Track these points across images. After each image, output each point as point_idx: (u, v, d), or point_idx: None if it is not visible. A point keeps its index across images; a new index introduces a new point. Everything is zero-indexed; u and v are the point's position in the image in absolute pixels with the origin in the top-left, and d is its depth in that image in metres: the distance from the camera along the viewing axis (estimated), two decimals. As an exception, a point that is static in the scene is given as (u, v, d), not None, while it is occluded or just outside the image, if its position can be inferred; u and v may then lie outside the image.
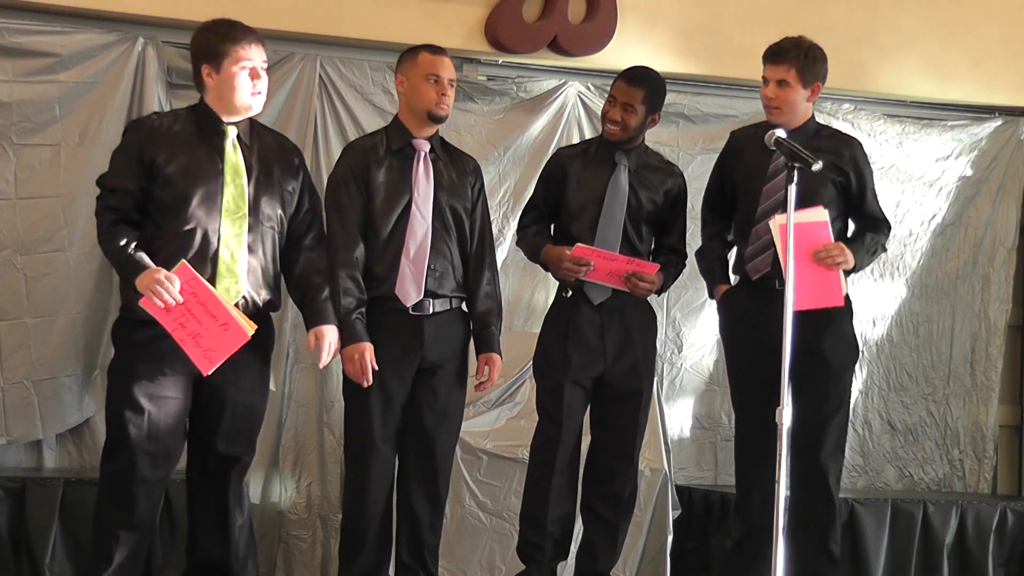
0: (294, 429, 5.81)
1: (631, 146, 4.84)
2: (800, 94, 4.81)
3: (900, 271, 6.76)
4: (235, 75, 4.22)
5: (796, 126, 4.83)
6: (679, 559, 5.78)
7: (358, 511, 4.49)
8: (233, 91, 4.23)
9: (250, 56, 4.24)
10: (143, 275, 4.06)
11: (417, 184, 4.51)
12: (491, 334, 4.64)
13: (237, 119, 4.29)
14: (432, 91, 4.51)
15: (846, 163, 4.85)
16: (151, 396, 4.14)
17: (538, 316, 6.01)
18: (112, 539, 4.18)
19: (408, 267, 4.46)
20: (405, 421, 4.52)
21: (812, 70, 4.81)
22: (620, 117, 4.77)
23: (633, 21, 6.12)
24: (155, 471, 4.18)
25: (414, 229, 4.48)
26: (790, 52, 4.79)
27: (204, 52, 4.26)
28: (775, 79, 4.80)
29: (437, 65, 4.54)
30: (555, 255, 4.76)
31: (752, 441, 4.86)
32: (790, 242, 4.10)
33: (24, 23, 5.41)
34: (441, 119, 4.56)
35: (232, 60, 4.21)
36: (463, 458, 5.41)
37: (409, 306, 4.47)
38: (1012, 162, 6.93)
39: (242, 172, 4.24)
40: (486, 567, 5.49)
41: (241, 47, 4.22)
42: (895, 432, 6.77)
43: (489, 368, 4.62)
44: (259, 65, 4.26)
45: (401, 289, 4.46)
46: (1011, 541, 6.22)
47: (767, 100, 4.84)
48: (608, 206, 4.77)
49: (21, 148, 5.41)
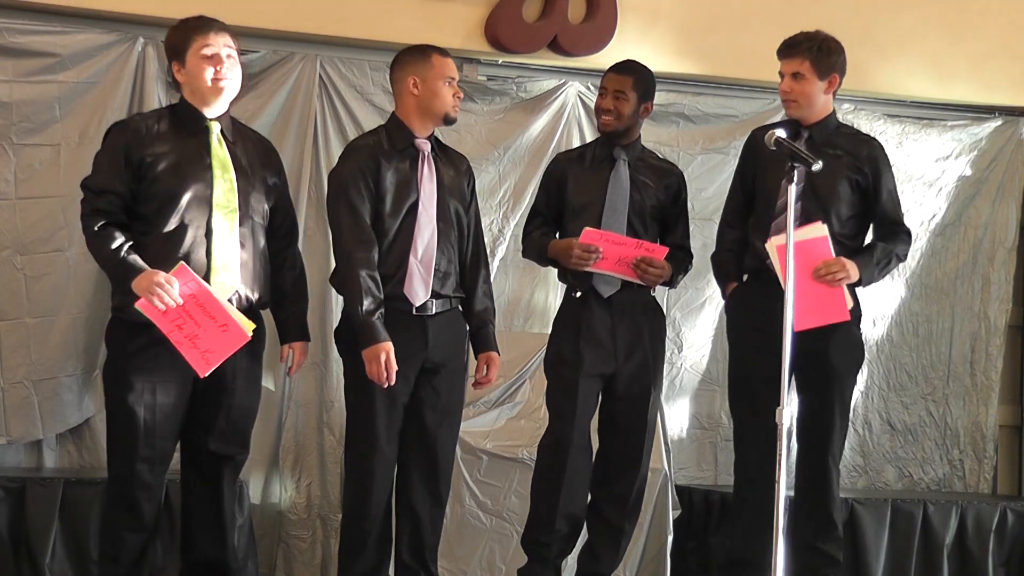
0: (294, 429, 5.80)
1: (628, 140, 4.85)
2: (816, 86, 4.81)
3: (900, 271, 6.75)
4: (197, 64, 4.22)
5: (815, 120, 4.84)
6: (679, 559, 5.78)
7: (360, 511, 4.48)
8: (198, 79, 4.22)
9: (209, 43, 4.22)
10: (140, 277, 4.05)
11: (423, 184, 4.51)
12: (489, 333, 4.64)
13: (217, 112, 4.29)
14: (449, 94, 4.53)
15: (864, 161, 4.84)
16: (147, 403, 4.13)
17: (538, 316, 6.02)
18: (119, 541, 4.21)
19: (417, 268, 4.45)
20: (407, 421, 4.52)
21: (827, 62, 4.82)
22: (613, 105, 4.79)
23: (633, 21, 6.12)
24: (154, 475, 4.20)
25: (422, 230, 4.47)
26: (803, 44, 4.81)
27: (171, 51, 4.29)
28: (790, 72, 4.82)
29: (451, 68, 4.56)
30: (563, 245, 4.76)
31: (754, 441, 4.86)
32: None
33: (24, 23, 5.41)
34: (454, 121, 4.61)
35: (193, 51, 4.22)
36: (463, 458, 5.41)
37: (415, 306, 4.47)
38: (1012, 162, 6.93)
39: (230, 167, 4.24)
40: (486, 567, 5.50)
41: (201, 36, 4.22)
42: (895, 432, 6.77)
43: (488, 367, 4.62)
44: (220, 51, 4.23)
45: (410, 289, 4.45)
46: (1011, 541, 6.22)
47: (783, 94, 4.85)
48: (611, 198, 4.78)
49: (21, 148, 5.41)
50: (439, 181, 4.53)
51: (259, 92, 5.74)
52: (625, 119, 4.80)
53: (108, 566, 4.24)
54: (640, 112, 4.83)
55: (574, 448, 4.72)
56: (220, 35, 4.25)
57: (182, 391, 4.19)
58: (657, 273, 4.74)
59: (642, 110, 4.84)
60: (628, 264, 4.70)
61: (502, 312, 6.13)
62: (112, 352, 4.25)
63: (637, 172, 4.84)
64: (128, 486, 4.17)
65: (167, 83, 5.54)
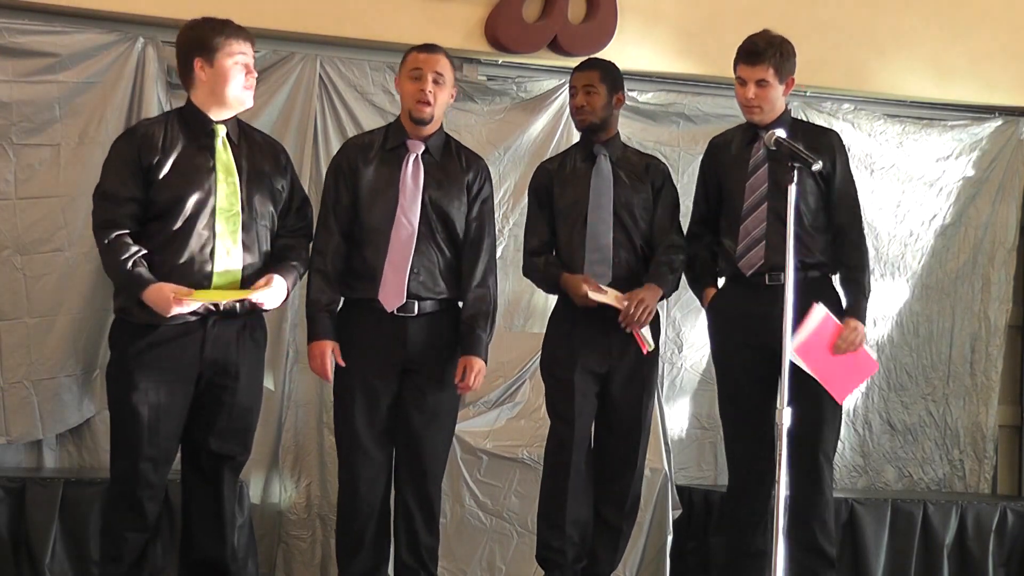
0: (294, 429, 5.81)
1: (607, 136, 4.88)
2: (778, 91, 4.85)
3: (900, 271, 6.76)
4: (229, 68, 4.23)
5: (772, 120, 4.86)
6: (679, 559, 5.78)
7: (349, 511, 4.50)
8: (226, 83, 4.24)
9: (243, 51, 4.26)
10: (148, 291, 4.09)
11: (404, 186, 4.50)
12: (475, 338, 4.52)
13: (226, 116, 4.30)
14: (412, 87, 4.51)
15: (824, 150, 4.82)
16: (151, 403, 4.15)
17: (538, 316, 6.01)
18: (122, 541, 4.21)
19: (390, 274, 4.45)
20: (395, 422, 4.52)
21: (787, 66, 4.86)
22: (585, 101, 4.83)
23: (633, 21, 6.12)
24: (157, 474, 4.21)
25: (399, 233, 4.47)
26: (767, 52, 4.81)
27: (197, 45, 4.26)
28: (754, 79, 4.82)
29: (420, 60, 4.52)
30: (573, 285, 4.73)
31: (744, 442, 4.87)
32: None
33: (24, 23, 5.42)
34: (420, 120, 4.52)
35: (226, 53, 4.23)
36: (463, 458, 5.41)
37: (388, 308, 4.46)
38: (1012, 162, 6.93)
39: (234, 170, 4.25)
40: (486, 567, 5.49)
41: (235, 41, 4.25)
42: (895, 432, 6.77)
43: (467, 371, 4.50)
44: (251, 62, 4.28)
45: (384, 295, 4.46)
46: (1011, 541, 6.22)
47: (747, 101, 4.85)
48: (595, 195, 4.79)
49: (21, 148, 5.41)
50: (426, 182, 4.51)
51: (259, 92, 5.67)
52: (599, 111, 4.83)
53: (110, 566, 4.24)
54: (613, 103, 4.87)
55: (576, 449, 4.72)
56: (251, 45, 4.30)
57: (185, 391, 4.20)
58: (645, 315, 4.71)
59: (615, 101, 4.87)
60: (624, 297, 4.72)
61: (502, 312, 6.12)
62: (116, 353, 4.26)
63: (620, 168, 4.85)
64: (131, 485, 4.17)
65: (167, 83, 5.54)
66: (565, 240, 4.84)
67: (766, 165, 4.82)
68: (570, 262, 4.81)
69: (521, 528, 5.44)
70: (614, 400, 4.79)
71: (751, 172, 4.85)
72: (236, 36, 4.25)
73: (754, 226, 4.80)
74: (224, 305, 4.20)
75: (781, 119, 4.90)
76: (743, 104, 4.87)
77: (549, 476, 4.79)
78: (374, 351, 4.45)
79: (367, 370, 4.46)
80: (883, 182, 6.72)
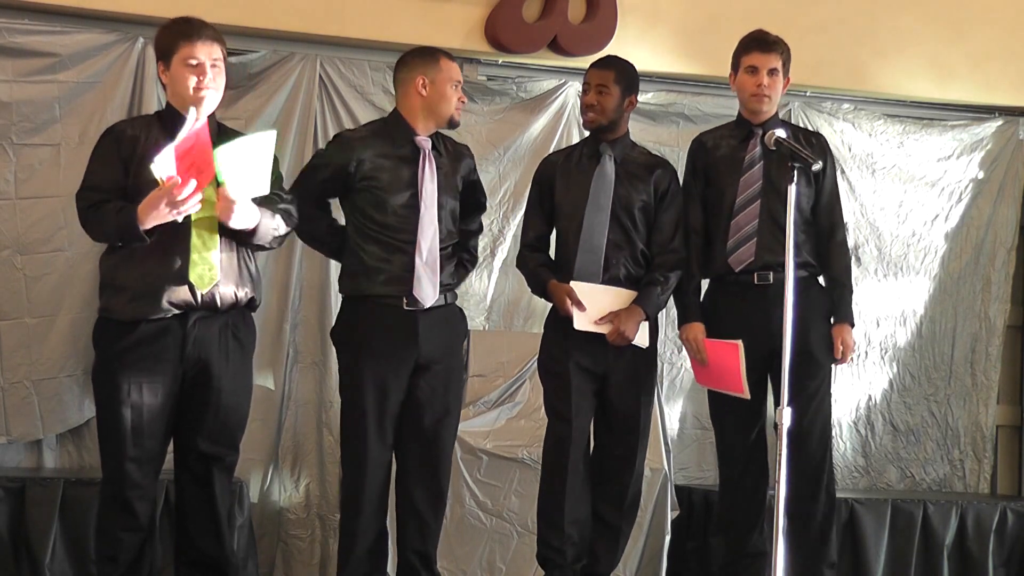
0: (293, 429, 5.81)
1: (615, 136, 4.83)
2: (782, 84, 4.87)
3: (904, 271, 6.77)
4: (181, 71, 4.18)
5: (765, 119, 4.86)
6: (679, 559, 5.78)
7: (354, 509, 4.49)
8: (179, 87, 4.19)
9: (196, 53, 4.17)
10: (142, 208, 4.01)
11: (423, 185, 4.51)
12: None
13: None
14: (455, 98, 4.59)
15: (815, 153, 4.82)
16: (133, 404, 4.11)
17: (538, 316, 6.00)
18: (116, 542, 4.19)
19: (423, 270, 4.46)
20: (404, 419, 4.52)
21: (789, 63, 4.89)
22: (596, 100, 4.78)
23: (633, 21, 6.12)
24: (143, 474, 4.18)
25: (425, 231, 4.48)
26: (779, 43, 4.83)
27: (158, 51, 4.26)
28: (767, 67, 4.81)
29: (458, 72, 4.62)
30: (559, 296, 4.73)
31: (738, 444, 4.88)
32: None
33: (24, 23, 5.42)
34: (458, 124, 4.67)
35: (179, 57, 4.17)
36: (463, 458, 5.41)
37: (422, 304, 4.47)
38: (1012, 162, 6.93)
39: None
40: (486, 567, 5.49)
41: (190, 43, 4.16)
42: (897, 433, 6.77)
43: None
44: (205, 61, 4.18)
45: (420, 292, 4.46)
46: (1011, 541, 6.22)
47: (759, 89, 4.81)
48: (594, 194, 4.75)
49: (21, 148, 5.41)
50: (439, 181, 4.54)
51: (259, 92, 5.75)
52: (609, 113, 4.78)
53: (106, 566, 4.21)
54: (625, 106, 4.82)
55: (574, 448, 4.71)
56: (207, 44, 4.19)
57: (169, 390, 4.17)
58: (629, 335, 4.70)
59: (626, 103, 4.82)
60: (607, 320, 4.70)
61: (502, 312, 6.14)
62: (99, 352, 4.23)
63: (625, 168, 4.81)
64: (120, 486, 4.15)
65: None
66: (561, 236, 4.84)
67: (761, 163, 4.81)
68: (563, 259, 4.81)
69: (521, 528, 5.44)
70: (612, 400, 4.78)
71: (746, 169, 4.84)
72: (189, 38, 4.17)
73: (746, 222, 4.79)
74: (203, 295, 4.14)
75: (776, 119, 4.91)
76: (752, 93, 4.83)
77: (548, 475, 4.78)
78: (386, 348, 4.44)
79: (379, 367, 4.45)
80: (885, 182, 6.73)
